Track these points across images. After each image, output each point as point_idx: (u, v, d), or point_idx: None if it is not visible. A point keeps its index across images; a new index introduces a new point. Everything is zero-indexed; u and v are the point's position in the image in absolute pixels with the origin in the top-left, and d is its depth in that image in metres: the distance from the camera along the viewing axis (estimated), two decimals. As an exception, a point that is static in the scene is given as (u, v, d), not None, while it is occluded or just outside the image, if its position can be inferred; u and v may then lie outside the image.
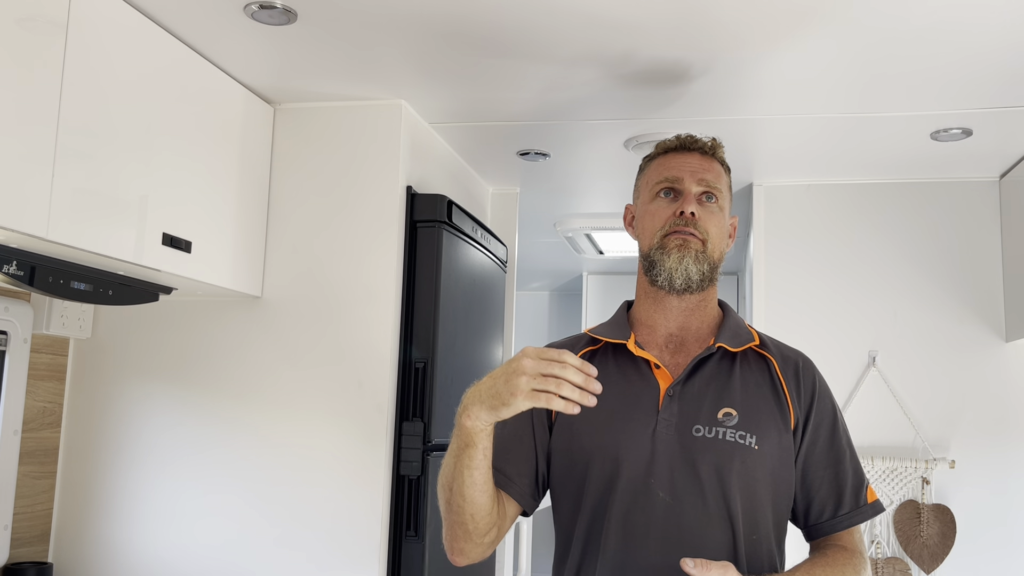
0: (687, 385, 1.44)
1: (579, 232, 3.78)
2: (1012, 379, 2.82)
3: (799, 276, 3.01)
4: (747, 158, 2.81)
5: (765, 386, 1.45)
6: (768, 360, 1.49)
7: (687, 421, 1.41)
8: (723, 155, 1.55)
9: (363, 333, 2.28)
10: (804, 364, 1.50)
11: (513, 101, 2.35)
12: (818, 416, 1.46)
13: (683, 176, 1.48)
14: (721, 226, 1.49)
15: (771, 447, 1.40)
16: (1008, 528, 2.76)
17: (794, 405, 1.45)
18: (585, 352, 1.52)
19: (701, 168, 1.50)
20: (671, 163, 1.51)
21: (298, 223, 2.35)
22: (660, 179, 1.50)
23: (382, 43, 2.01)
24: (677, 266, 1.44)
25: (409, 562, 2.23)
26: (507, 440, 1.49)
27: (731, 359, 1.47)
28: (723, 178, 1.53)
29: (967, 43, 1.93)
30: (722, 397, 1.43)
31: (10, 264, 1.69)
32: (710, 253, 1.46)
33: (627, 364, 1.48)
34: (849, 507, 1.44)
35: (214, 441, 2.32)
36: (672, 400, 1.42)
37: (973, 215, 2.91)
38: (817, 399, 1.47)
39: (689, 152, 1.51)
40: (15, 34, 1.56)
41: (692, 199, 1.47)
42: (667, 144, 1.55)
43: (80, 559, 2.34)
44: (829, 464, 1.45)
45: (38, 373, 2.30)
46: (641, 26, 1.88)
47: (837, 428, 1.47)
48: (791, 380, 1.47)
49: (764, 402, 1.44)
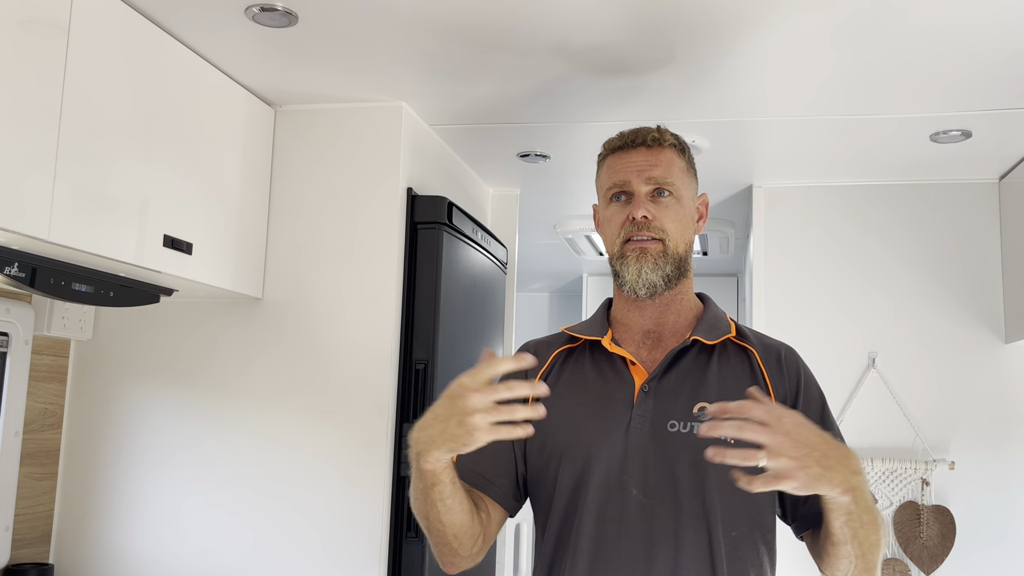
0: (663, 380, 1.42)
1: (579, 234, 3.79)
2: (1012, 380, 2.82)
3: (799, 278, 3.01)
4: (747, 160, 2.81)
5: (745, 378, 1.42)
6: (748, 351, 1.46)
7: (662, 417, 1.38)
8: (672, 138, 1.49)
9: (363, 334, 2.28)
10: (787, 353, 1.47)
11: (513, 103, 2.36)
12: (804, 405, 1.42)
13: (630, 178, 1.44)
14: (680, 218, 1.45)
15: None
16: (1008, 529, 2.77)
17: (777, 394, 1.42)
18: (562, 350, 1.51)
19: (648, 164, 1.45)
20: (617, 164, 1.47)
21: (299, 225, 2.36)
22: (610, 184, 1.47)
23: (382, 45, 2.01)
24: (637, 277, 1.42)
25: (409, 563, 2.24)
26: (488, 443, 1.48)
27: (709, 352, 1.45)
28: (675, 165, 1.46)
29: (967, 45, 1.93)
30: (698, 392, 1.40)
31: (11, 266, 1.69)
32: (672, 250, 1.43)
33: (603, 361, 1.47)
34: None
35: (215, 442, 2.32)
36: (647, 396, 1.40)
37: (972, 217, 2.92)
38: (803, 388, 1.44)
39: (634, 149, 1.46)
40: (17, 36, 1.57)
41: (641, 201, 1.43)
42: (612, 143, 1.50)
43: (81, 560, 2.34)
44: None
45: (39, 374, 2.30)
46: (640, 27, 1.88)
47: (825, 417, 1.44)
48: (773, 370, 1.44)
49: (742, 395, 1.40)
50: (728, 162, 2.82)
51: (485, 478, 1.45)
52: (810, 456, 1.14)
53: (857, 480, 1.18)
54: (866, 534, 1.23)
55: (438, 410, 1.20)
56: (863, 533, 1.23)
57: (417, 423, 1.23)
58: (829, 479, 1.15)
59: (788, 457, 1.13)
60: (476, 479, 1.45)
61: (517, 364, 1.19)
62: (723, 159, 2.77)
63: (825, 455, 1.15)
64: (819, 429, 1.19)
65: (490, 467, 1.46)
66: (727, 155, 2.74)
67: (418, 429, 1.22)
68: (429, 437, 1.20)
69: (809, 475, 1.13)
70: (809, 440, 1.15)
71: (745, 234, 3.71)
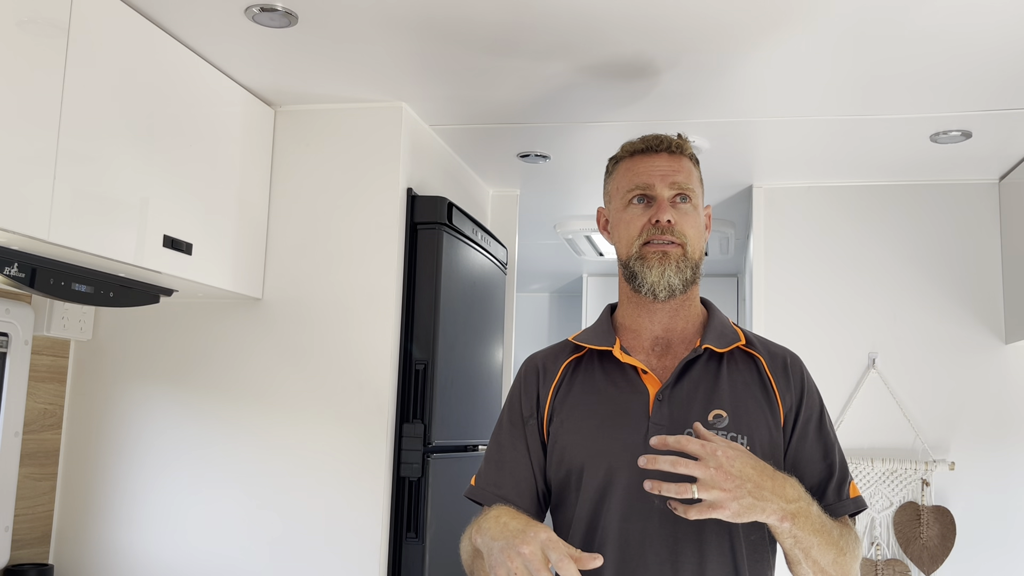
0: (676, 389, 1.43)
1: (579, 234, 3.79)
2: (1012, 381, 2.82)
3: (799, 278, 3.01)
4: (747, 160, 2.81)
5: (754, 384, 1.45)
6: (756, 358, 1.48)
7: (679, 425, 1.40)
8: (691, 149, 1.52)
9: (364, 335, 2.28)
10: (792, 360, 1.50)
11: (513, 103, 2.36)
12: (807, 411, 1.45)
13: (654, 182, 1.46)
14: (697, 225, 1.48)
15: (762, 445, 1.40)
16: (1008, 530, 2.76)
17: (784, 401, 1.44)
18: (570, 361, 1.51)
19: (671, 170, 1.46)
20: (639, 167, 1.48)
21: (299, 225, 2.36)
22: (631, 186, 1.48)
23: (382, 45, 2.01)
24: (659, 279, 1.43)
25: (409, 564, 2.24)
26: (504, 463, 1.48)
27: (718, 360, 1.47)
28: (694, 174, 1.50)
29: (966, 45, 1.93)
30: (711, 399, 1.42)
31: (11, 266, 1.69)
32: (691, 256, 1.46)
33: (614, 371, 1.47)
34: (832, 499, 1.42)
35: (214, 443, 2.32)
36: (662, 404, 1.42)
37: (973, 217, 2.92)
38: (806, 395, 1.46)
39: (656, 153, 1.48)
40: (17, 36, 1.57)
41: (666, 206, 1.45)
42: (633, 146, 1.52)
43: (81, 561, 2.34)
44: (816, 458, 1.44)
45: (39, 375, 2.30)
46: (639, 28, 1.88)
47: (824, 423, 1.47)
48: (780, 376, 1.46)
49: (753, 401, 1.43)
50: (728, 162, 2.81)
51: (506, 500, 1.46)
52: (742, 488, 1.20)
53: (795, 507, 1.25)
54: (820, 553, 1.29)
55: (511, 529, 1.23)
56: (816, 553, 1.28)
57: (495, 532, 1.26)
58: (763, 508, 1.21)
59: (719, 489, 1.20)
60: (497, 501, 1.45)
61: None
62: (723, 159, 2.77)
63: (758, 486, 1.22)
64: (756, 461, 1.25)
65: (510, 488, 1.47)
66: (727, 155, 2.74)
67: (490, 526, 1.27)
68: (492, 536, 1.25)
69: (742, 505, 1.20)
70: (742, 472, 1.22)
71: (745, 234, 3.71)
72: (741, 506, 1.20)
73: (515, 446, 1.49)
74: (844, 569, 1.32)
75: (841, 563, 1.31)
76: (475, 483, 1.51)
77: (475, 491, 1.49)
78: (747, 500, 1.20)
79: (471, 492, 1.50)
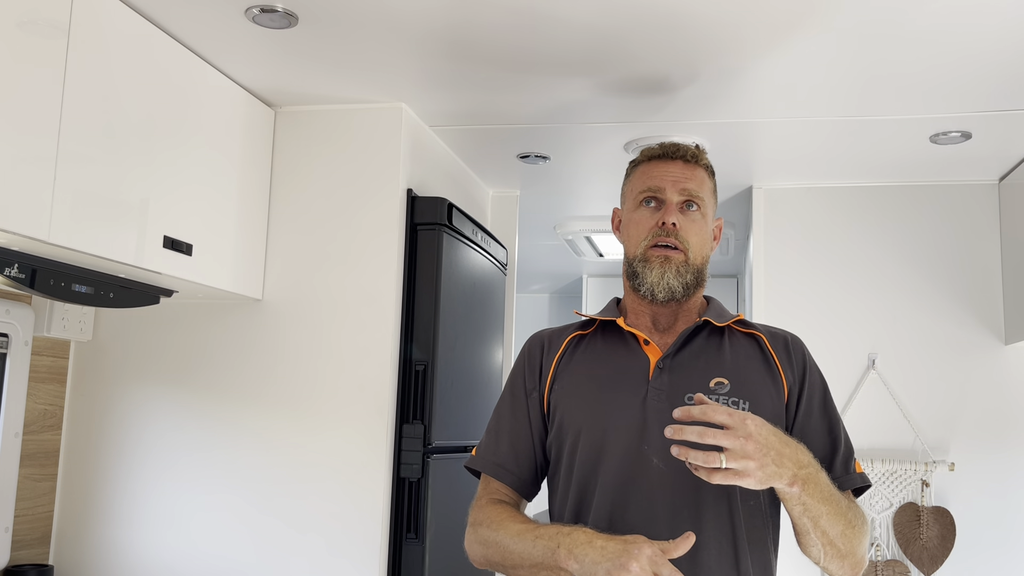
0: (676, 358, 1.47)
1: (579, 235, 3.79)
2: (1011, 381, 2.82)
3: (799, 279, 3.01)
4: (747, 161, 2.81)
5: (756, 358, 1.49)
6: (757, 336, 1.52)
7: (678, 392, 1.43)
8: (707, 160, 1.57)
9: (363, 335, 2.28)
10: (793, 339, 1.54)
11: (513, 104, 2.36)
12: (810, 388, 1.49)
13: (664, 186, 1.51)
14: (702, 233, 1.52)
15: (765, 413, 1.41)
16: (1007, 530, 2.76)
17: (787, 376, 1.48)
18: (575, 335, 1.56)
19: (683, 177, 1.52)
20: (654, 171, 1.54)
21: (299, 226, 2.36)
22: (643, 188, 1.53)
23: (382, 46, 2.01)
24: (659, 281, 1.48)
25: (409, 564, 2.24)
26: (504, 433, 1.53)
27: (720, 334, 1.51)
28: (706, 184, 1.55)
29: (966, 46, 1.93)
30: (712, 367, 1.46)
31: (11, 267, 1.69)
32: (692, 262, 1.50)
33: (616, 340, 1.52)
34: (839, 472, 1.45)
35: (215, 443, 2.32)
36: (663, 372, 1.45)
37: (972, 218, 2.92)
38: (808, 372, 1.50)
39: (672, 160, 1.53)
40: (17, 37, 1.57)
41: (673, 209, 1.50)
42: (651, 151, 1.57)
43: (81, 561, 2.34)
44: (822, 432, 1.47)
45: (39, 375, 2.30)
46: (642, 32, 1.88)
47: (828, 399, 1.51)
48: (781, 353, 1.50)
49: (756, 372, 1.47)
50: (728, 163, 2.81)
51: (505, 468, 1.51)
52: (767, 456, 1.23)
53: (806, 472, 1.27)
54: (829, 523, 1.31)
55: (610, 549, 1.24)
56: (824, 522, 1.30)
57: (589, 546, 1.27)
58: (780, 475, 1.24)
59: (749, 459, 1.22)
60: (496, 470, 1.51)
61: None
62: (723, 160, 2.77)
63: (780, 454, 1.24)
64: (774, 428, 1.27)
65: (510, 457, 1.51)
66: (727, 156, 2.75)
67: (588, 549, 1.26)
68: (593, 560, 1.24)
69: (766, 474, 1.23)
70: (768, 440, 1.23)
71: (745, 235, 3.71)
72: (765, 474, 1.22)
73: (516, 417, 1.53)
74: (852, 544, 1.34)
75: (849, 536, 1.33)
76: (475, 453, 1.56)
77: (474, 460, 1.55)
78: (771, 468, 1.23)
79: (471, 462, 1.55)
